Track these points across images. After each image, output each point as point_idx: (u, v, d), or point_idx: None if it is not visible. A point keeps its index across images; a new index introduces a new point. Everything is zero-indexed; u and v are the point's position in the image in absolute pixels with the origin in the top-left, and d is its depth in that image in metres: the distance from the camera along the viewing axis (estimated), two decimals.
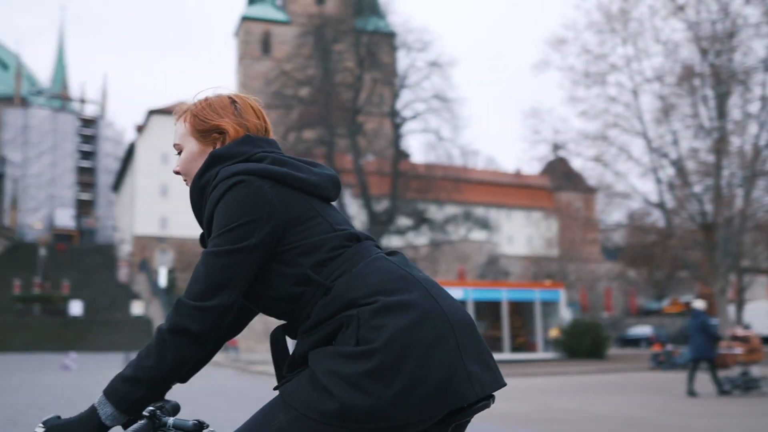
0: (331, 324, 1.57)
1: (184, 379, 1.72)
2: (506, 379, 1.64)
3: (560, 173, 43.08)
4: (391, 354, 1.48)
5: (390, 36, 40.60)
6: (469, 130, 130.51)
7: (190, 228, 58.63)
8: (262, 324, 42.62)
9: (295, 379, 1.57)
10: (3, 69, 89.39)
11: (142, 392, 1.51)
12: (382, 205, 39.04)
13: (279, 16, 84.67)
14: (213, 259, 1.58)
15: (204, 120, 1.77)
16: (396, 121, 38.17)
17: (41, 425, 1.49)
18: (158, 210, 58.66)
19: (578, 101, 28.17)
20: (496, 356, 1.81)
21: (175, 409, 1.66)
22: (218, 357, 37.69)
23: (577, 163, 32.87)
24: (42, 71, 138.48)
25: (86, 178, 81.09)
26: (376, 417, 1.45)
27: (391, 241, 42.18)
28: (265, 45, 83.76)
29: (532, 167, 42.43)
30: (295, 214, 1.65)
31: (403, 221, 39.98)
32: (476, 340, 1.59)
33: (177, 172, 1.83)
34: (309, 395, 1.49)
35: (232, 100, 1.80)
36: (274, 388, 1.64)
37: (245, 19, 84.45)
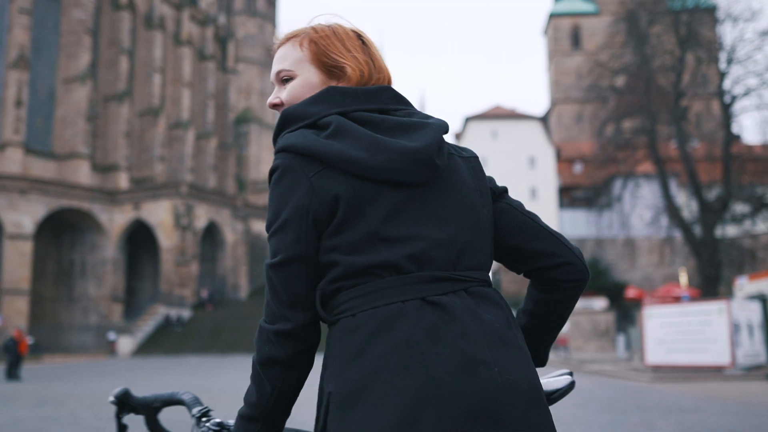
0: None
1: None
2: None
3: None
4: None
5: (711, 10, 37.76)
6: None
7: None
8: (590, 322, 42.08)
9: None
10: None
11: (259, 428, 1.34)
12: (713, 193, 36.40)
13: (588, 7, 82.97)
14: (272, 273, 1.32)
15: (329, 52, 1.45)
16: (725, 100, 35.34)
17: None
18: None
19: None
20: None
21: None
22: (549, 356, 37.83)
23: None
24: None
25: None
26: None
27: (727, 231, 39.14)
28: (575, 39, 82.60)
29: None
30: (331, 211, 1.29)
31: (740, 208, 36.90)
32: None
33: (276, 105, 1.48)
34: None
35: (358, 34, 1.49)
36: None
37: (553, 15, 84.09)
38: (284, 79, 1.47)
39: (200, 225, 53.44)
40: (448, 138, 1.47)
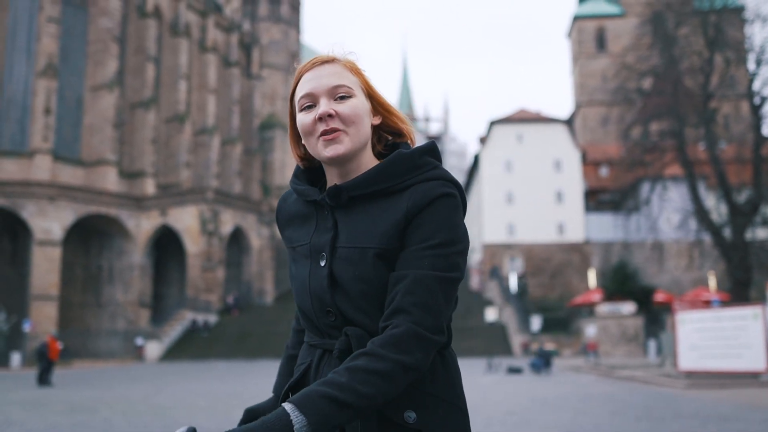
0: (433, 401, 1.42)
1: None
2: None
3: None
4: None
5: (739, 10, 37.31)
6: None
7: (535, 233, 59.43)
8: (618, 327, 41.66)
9: None
10: None
11: (346, 418, 1.25)
12: (743, 195, 35.92)
13: (612, 9, 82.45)
14: (450, 286, 1.38)
15: (375, 91, 1.56)
16: (754, 102, 34.88)
17: None
18: (505, 217, 60.11)
19: None
20: None
21: None
22: (578, 362, 37.51)
23: None
24: (390, 96, 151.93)
25: None
26: None
27: (757, 233, 38.61)
28: (600, 41, 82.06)
29: None
30: None
31: None
32: None
33: (330, 116, 1.45)
34: None
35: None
36: None
37: (577, 18, 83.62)
38: (341, 96, 1.48)
39: (226, 230, 53.67)
40: (475, 143, 1.57)
